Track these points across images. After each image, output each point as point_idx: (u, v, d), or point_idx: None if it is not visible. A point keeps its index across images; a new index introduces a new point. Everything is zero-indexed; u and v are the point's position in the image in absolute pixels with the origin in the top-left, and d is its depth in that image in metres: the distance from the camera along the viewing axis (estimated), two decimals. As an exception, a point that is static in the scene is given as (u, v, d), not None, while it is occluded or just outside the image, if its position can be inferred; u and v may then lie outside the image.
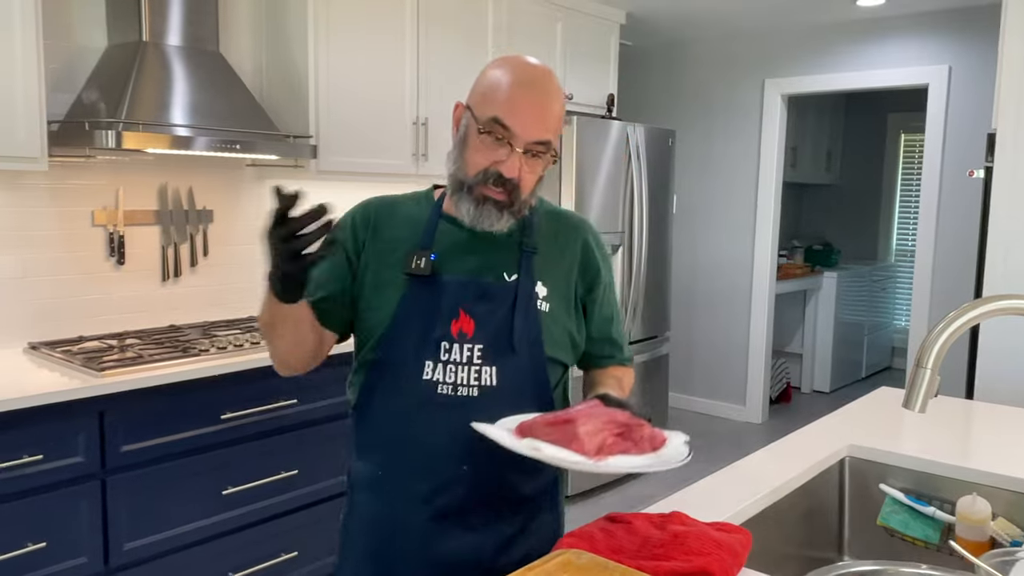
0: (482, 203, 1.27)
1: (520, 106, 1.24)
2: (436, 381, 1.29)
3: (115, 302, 2.77)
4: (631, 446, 1.13)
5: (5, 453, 1.99)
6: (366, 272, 1.34)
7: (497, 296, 1.31)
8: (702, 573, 1.07)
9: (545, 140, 1.26)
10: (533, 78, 1.28)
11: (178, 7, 2.62)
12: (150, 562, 2.28)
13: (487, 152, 1.26)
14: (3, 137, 2.20)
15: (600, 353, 1.47)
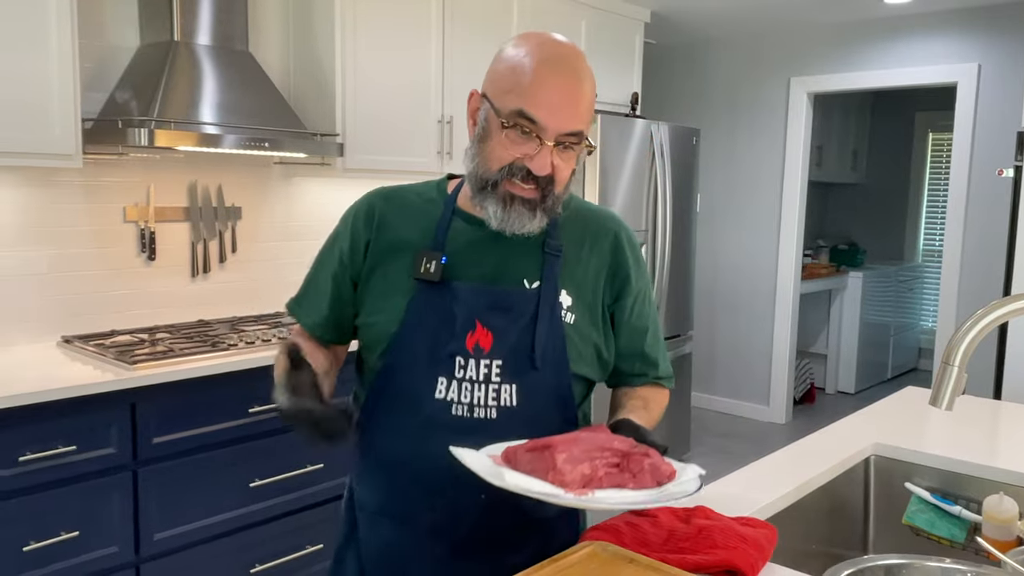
0: (510, 202, 1.13)
1: (548, 95, 1.09)
2: (450, 401, 1.16)
3: (146, 297, 2.82)
4: (628, 479, 0.99)
5: (40, 443, 2.04)
6: (371, 275, 1.23)
7: (517, 305, 1.18)
8: (727, 566, 1.07)
9: (578, 131, 1.12)
10: (561, 60, 1.12)
11: (208, 7, 2.66)
12: (179, 552, 2.32)
13: (512, 147, 1.11)
14: (39, 135, 2.25)
15: (630, 371, 1.31)
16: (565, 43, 1.15)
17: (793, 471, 1.59)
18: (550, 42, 1.14)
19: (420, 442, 1.17)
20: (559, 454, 0.98)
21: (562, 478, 0.96)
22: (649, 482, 0.99)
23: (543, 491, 0.95)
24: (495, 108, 1.13)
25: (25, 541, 2.03)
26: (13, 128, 2.19)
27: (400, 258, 1.21)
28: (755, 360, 5.28)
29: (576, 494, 0.95)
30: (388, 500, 1.24)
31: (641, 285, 1.30)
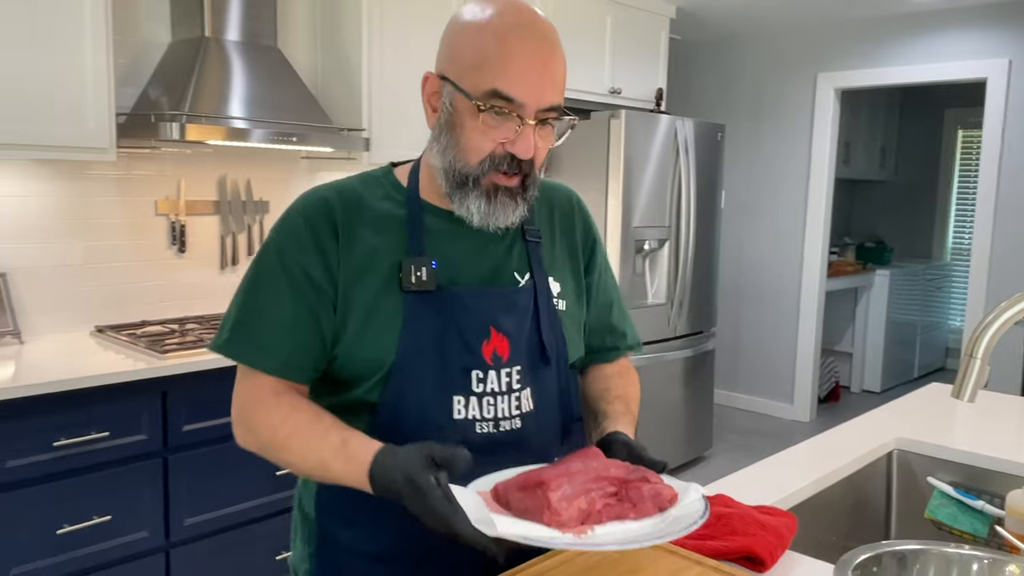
0: (494, 196, 1.02)
1: (525, 70, 0.97)
2: (472, 419, 1.05)
3: (176, 288, 2.87)
4: (628, 509, 0.92)
5: (74, 429, 2.09)
6: (349, 295, 1.04)
7: (519, 303, 1.09)
8: (746, 552, 1.09)
9: (557, 105, 1.01)
10: (530, 29, 0.99)
11: (238, 4, 2.71)
12: (208, 538, 2.37)
13: (490, 132, 1.00)
14: (74, 129, 2.30)
15: (601, 345, 1.26)
16: (527, 6, 1.02)
17: (815, 463, 1.60)
18: (511, 8, 1.01)
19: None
20: (553, 492, 0.89)
21: (558, 518, 0.88)
22: (651, 509, 0.92)
23: (539, 536, 0.86)
24: (462, 90, 0.99)
25: (59, 524, 2.09)
26: (49, 122, 2.25)
27: (375, 270, 1.04)
28: (779, 358, 5.26)
29: (575, 534, 0.87)
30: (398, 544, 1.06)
31: (603, 255, 1.26)
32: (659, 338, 3.88)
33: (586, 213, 1.26)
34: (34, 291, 2.55)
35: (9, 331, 2.43)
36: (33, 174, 2.53)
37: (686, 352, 4.05)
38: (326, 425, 1.00)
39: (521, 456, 1.06)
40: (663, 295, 3.89)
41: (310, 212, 1.06)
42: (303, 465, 1.01)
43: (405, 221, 1.07)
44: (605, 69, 3.97)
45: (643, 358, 3.78)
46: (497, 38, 0.98)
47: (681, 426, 4.09)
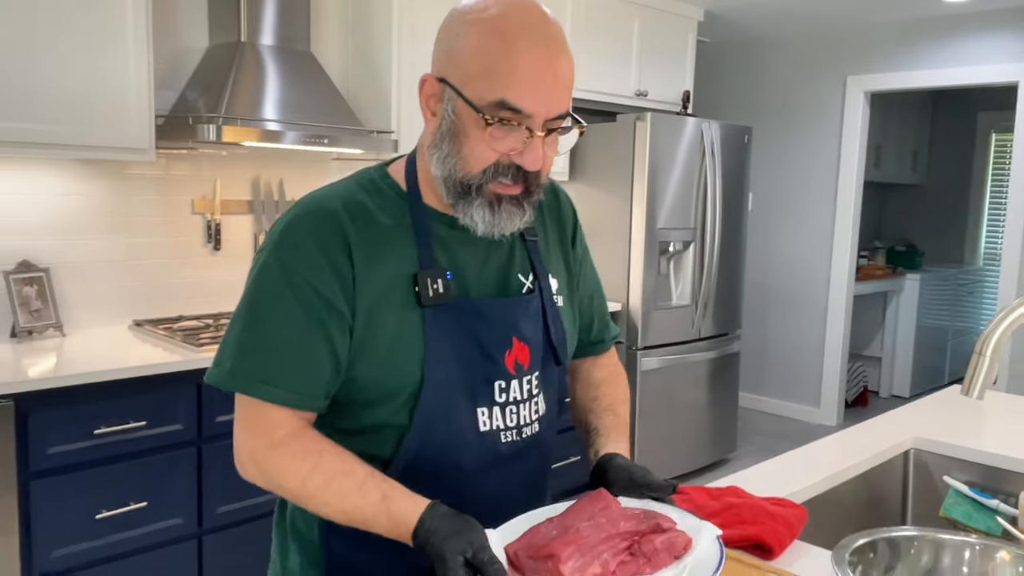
0: (498, 205, 0.98)
1: (534, 80, 0.92)
2: (497, 429, 1.03)
3: (211, 285, 2.96)
4: (644, 564, 0.89)
5: (113, 418, 2.18)
6: (369, 317, 0.98)
7: (531, 308, 1.08)
8: (755, 541, 1.13)
9: (564, 112, 0.97)
10: (538, 33, 0.94)
11: (273, 10, 2.79)
12: (239, 526, 2.45)
13: (495, 144, 0.95)
14: (116, 130, 2.40)
15: (588, 338, 1.24)
16: (535, 7, 0.96)
17: (831, 459, 1.62)
18: (516, 7, 0.95)
19: (470, 483, 1.02)
20: (563, 564, 0.86)
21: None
22: (666, 560, 0.90)
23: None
24: (466, 99, 0.94)
25: (98, 509, 2.18)
26: (92, 124, 2.34)
27: (391, 284, 0.99)
28: (806, 361, 5.24)
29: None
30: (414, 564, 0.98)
31: (584, 244, 1.24)
32: (683, 340, 3.90)
33: (569, 203, 1.23)
34: (76, 286, 2.65)
35: (52, 324, 2.53)
36: (76, 174, 2.63)
37: (711, 354, 4.06)
38: (361, 478, 0.94)
39: (538, 458, 1.10)
40: (688, 297, 3.92)
41: (318, 229, 0.97)
42: (338, 517, 0.95)
43: (412, 230, 1.01)
44: (632, 71, 4.00)
45: (667, 359, 3.81)
46: (504, 43, 0.92)
47: (705, 428, 4.10)
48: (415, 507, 0.91)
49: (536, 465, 1.09)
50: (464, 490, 1.01)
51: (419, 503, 0.92)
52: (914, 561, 0.88)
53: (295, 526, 1.09)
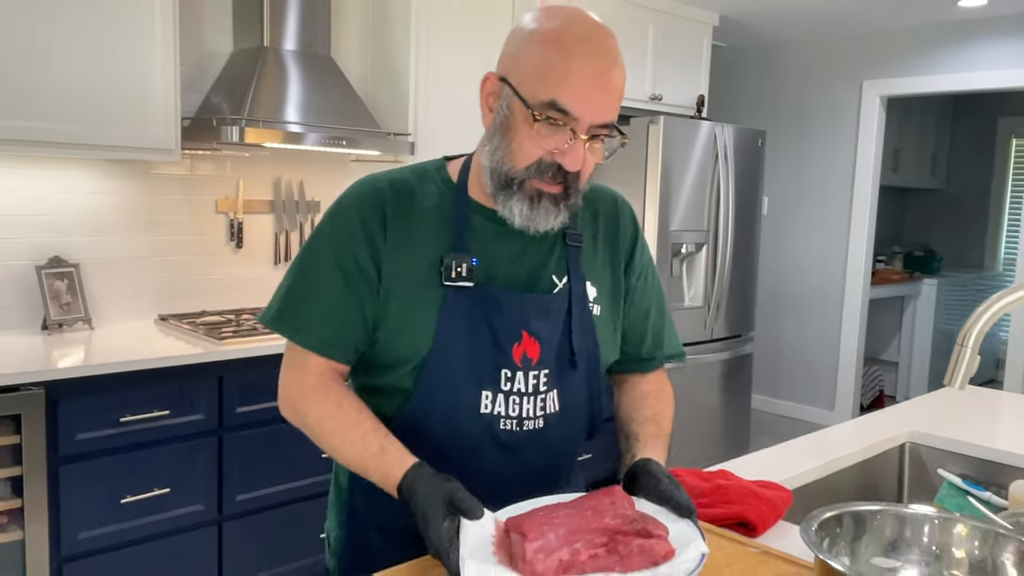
0: (537, 201, 1.05)
1: (585, 85, 1.00)
2: (497, 415, 1.09)
3: (233, 282, 3.06)
4: (615, 563, 0.90)
5: (138, 407, 2.27)
6: (392, 286, 1.08)
7: (554, 308, 1.12)
8: (740, 518, 1.18)
9: (611, 122, 1.04)
10: (593, 41, 1.02)
11: (295, 16, 2.88)
12: (257, 514, 2.53)
13: (541, 141, 1.02)
14: (143, 131, 2.49)
15: (638, 353, 1.26)
16: (594, 21, 1.05)
17: (828, 449, 1.67)
18: (578, 21, 1.03)
19: (467, 461, 1.09)
20: (529, 543, 0.89)
21: (532, 568, 0.88)
22: (640, 564, 0.90)
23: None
24: (521, 97, 1.02)
25: (123, 495, 2.27)
26: (121, 125, 2.44)
27: (419, 260, 1.09)
28: (821, 364, 5.26)
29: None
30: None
31: (646, 259, 1.27)
32: (696, 340, 3.95)
33: (631, 216, 1.27)
34: (104, 281, 2.75)
35: (81, 317, 2.64)
36: (105, 173, 2.74)
37: (723, 355, 4.10)
38: (366, 429, 1.05)
39: (542, 453, 1.13)
40: (700, 298, 3.96)
41: (362, 203, 1.10)
42: (342, 460, 1.09)
43: (452, 217, 1.10)
44: (647, 76, 4.06)
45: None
46: (563, 51, 1.00)
47: (717, 429, 4.14)
48: (403, 464, 1.00)
49: (536, 460, 1.13)
50: (462, 465, 1.06)
51: (408, 461, 1.01)
52: (878, 533, 0.93)
53: (336, 479, 1.26)
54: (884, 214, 6.45)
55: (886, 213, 6.53)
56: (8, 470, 2.10)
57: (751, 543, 1.10)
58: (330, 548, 1.26)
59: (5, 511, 2.12)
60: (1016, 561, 0.87)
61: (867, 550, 0.93)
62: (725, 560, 1.04)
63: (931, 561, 0.92)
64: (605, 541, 0.92)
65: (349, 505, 1.21)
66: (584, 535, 0.92)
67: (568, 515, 0.95)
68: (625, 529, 0.93)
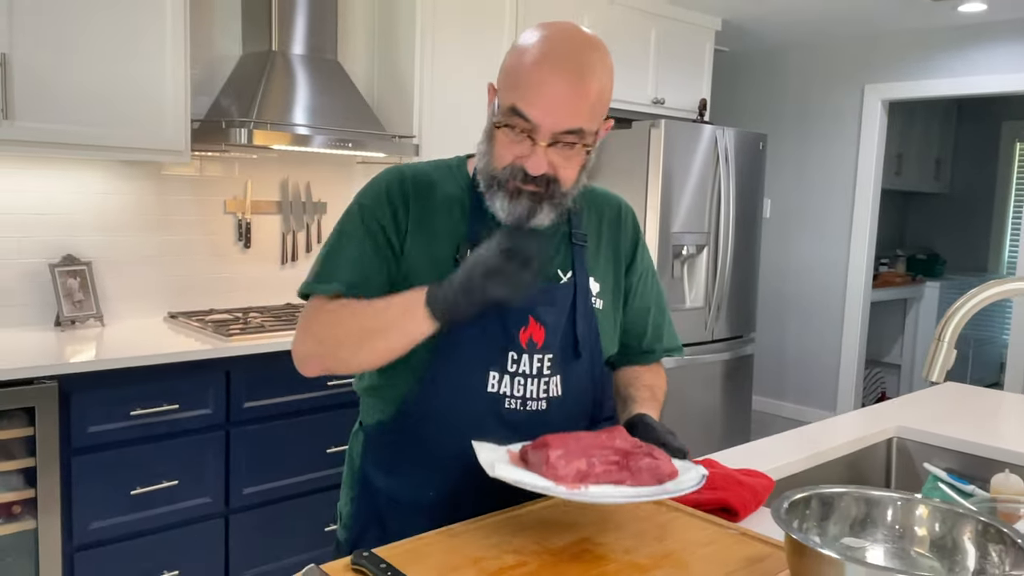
0: (516, 196, 1.12)
1: (542, 92, 1.06)
2: (503, 395, 1.17)
3: (241, 280, 3.13)
4: (627, 476, 1.00)
5: (148, 401, 2.34)
6: (411, 263, 1.18)
7: (559, 298, 1.20)
8: (722, 504, 1.24)
9: (575, 128, 1.08)
10: (563, 56, 1.07)
11: (303, 21, 2.95)
12: (264, 507, 2.59)
13: (509, 146, 1.11)
14: (154, 133, 2.56)
15: (638, 348, 1.35)
16: (575, 36, 1.10)
17: (815, 442, 1.72)
18: (558, 36, 1.09)
19: (472, 436, 1.13)
20: (553, 450, 1.00)
21: (555, 472, 0.98)
22: (648, 480, 1.00)
23: (535, 483, 0.97)
24: (497, 103, 1.13)
25: (133, 486, 2.33)
26: (133, 127, 2.51)
27: (436, 244, 1.18)
28: (823, 366, 5.29)
29: (569, 487, 0.97)
30: (431, 494, 1.20)
31: (646, 261, 1.36)
32: (696, 341, 3.99)
33: (633, 222, 1.35)
34: (115, 279, 2.82)
35: (93, 314, 2.71)
36: (117, 174, 2.81)
37: (724, 356, 4.15)
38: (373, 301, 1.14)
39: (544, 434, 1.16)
40: (701, 299, 4.01)
41: (390, 183, 1.21)
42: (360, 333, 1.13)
43: (467, 209, 1.20)
44: (649, 80, 4.12)
45: (680, 360, 3.90)
46: (533, 63, 1.07)
47: (717, 428, 4.19)
48: (419, 289, 1.08)
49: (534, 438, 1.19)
50: (467, 437, 1.12)
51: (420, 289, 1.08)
52: (844, 514, 0.98)
53: (350, 454, 1.33)
54: (887, 217, 6.49)
55: (889, 216, 6.56)
56: (22, 461, 2.17)
57: (731, 526, 1.15)
58: (341, 521, 1.33)
59: (19, 501, 2.18)
60: (973, 538, 0.92)
61: (835, 528, 0.98)
62: (705, 540, 1.10)
63: (895, 539, 0.97)
64: (617, 459, 1.01)
65: (361, 479, 1.28)
66: (599, 451, 1.01)
67: (585, 435, 1.05)
68: (635, 450, 1.03)
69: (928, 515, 0.96)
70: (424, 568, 0.97)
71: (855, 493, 0.98)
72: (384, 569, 0.94)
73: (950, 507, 0.96)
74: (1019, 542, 0.86)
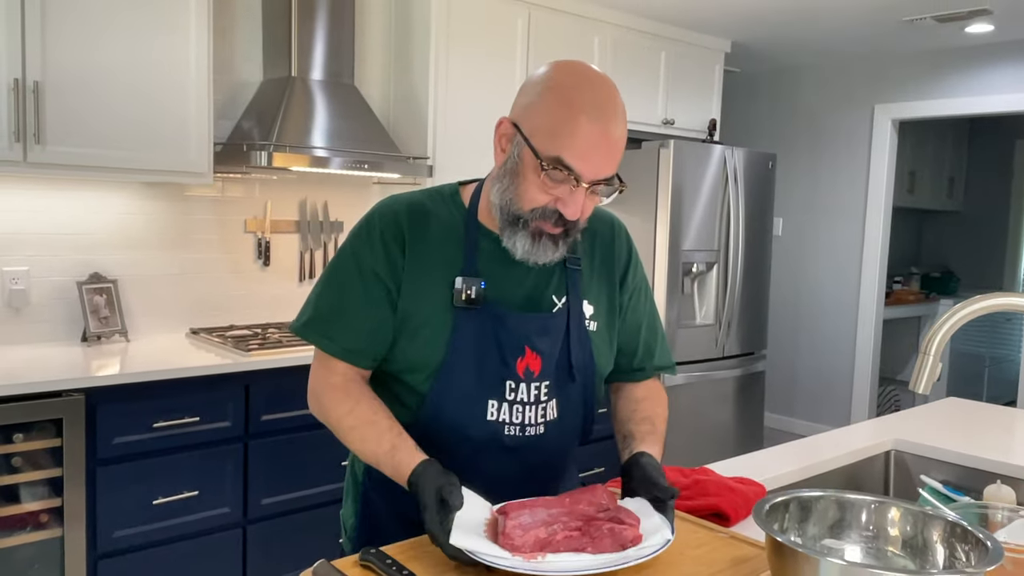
0: (538, 239, 1.16)
1: (589, 147, 1.10)
2: (503, 422, 1.21)
3: (260, 298, 3.22)
4: (587, 543, 1.00)
5: (170, 414, 2.43)
6: (409, 302, 1.20)
7: (553, 326, 1.23)
8: (714, 509, 1.29)
9: (611, 176, 1.14)
10: (600, 107, 1.11)
11: (321, 47, 3.06)
12: (281, 517, 2.66)
13: (547, 190, 1.13)
14: (179, 156, 2.67)
15: (629, 365, 1.37)
16: (602, 83, 1.14)
17: (814, 454, 1.77)
18: (587, 80, 1.13)
19: (473, 463, 1.18)
20: (509, 519, 1.01)
21: (511, 542, 0.99)
22: (609, 547, 1.00)
23: (489, 552, 0.97)
24: (532, 148, 1.12)
25: (155, 496, 2.42)
26: (158, 150, 2.62)
27: (433, 278, 1.20)
28: (836, 383, 5.31)
29: (525, 558, 0.97)
30: None
31: (639, 279, 1.38)
32: (707, 357, 4.04)
33: (626, 239, 1.38)
34: (140, 296, 2.93)
35: (118, 330, 2.81)
36: (142, 195, 2.92)
37: (735, 372, 4.19)
38: (382, 428, 1.17)
39: (542, 455, 1.25)
40: (711, 316, 4.06)
41: (384, 225, 1.21)
42: (358, 453, 1.21)
43: (463, 240, 1.21)
44: (659, 101, 4.20)
45: (691, 376, 3.95)
46: (572, 112, 1.09)
47: (730, 445, 4.22)
48: (412, 461, 1.12)
49: (538, 460, 1.25)
50: (469, 463, 1.18)
51: (417, 458, 1.12)
52: (821, 516, 1.04)
53: (352, 469, 1.39)
54: (902, 235, 6.51)
55: (904, 234, 6.58)
56: (49, 471, 2.26)
57: (720, 529, 1.21)
58: (346, 532, 1.40)
59: (46, 510, 2.27)
60: (942, 537, 0.97)
61: (814, 529, 1.04)
62: (696, 543, 1.15)
63: (870, 540, 1.03)
64: (580, 525, 1.02)
65: (363, 494, 1.33)
66: (560, 518, 1.03)
67: (548, 502, 1.07)
68: (599, 516, 1.04)
69: (900, 517, 1.01)
70: (428, 564, 1.04)
71: (832, 497, 1.03)
72: (389, 565, 1.01)
73: (920, 509, 1.01)
74: (983, 540, 0.91)
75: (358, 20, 3.30)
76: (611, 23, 3.90)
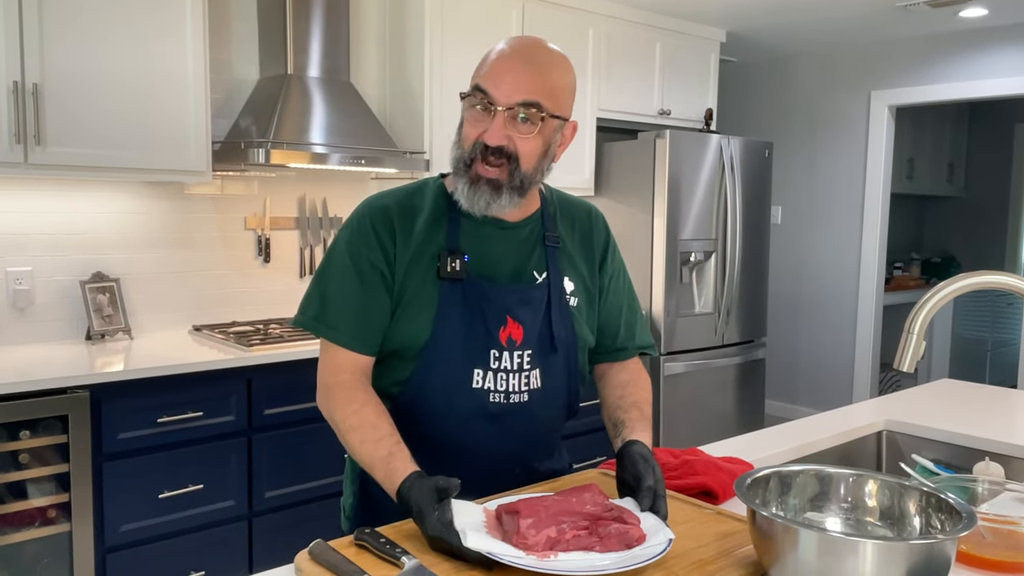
0: (476, 183, 1.22)
1: (501, 70, 1.20)
2: (487, 390, 1.26)
3: (261, 294, 3.26)
4: (595, 542, 1.03)
5: (174, 409, 2.46)
6: (403, 284, 1.27)
7: (535, 298, 1.29)
8: (702, 488, 1.32)
9: (532, 101, 1.19)
10: (521, 46, 1.24)
11: (317, 45, 3.09)
12: (285, 510, 2.70)
13: (475, 123, 1.22)
14: (178, 155, 2.70)
15: (612, 344, 1.42)
16: (532, 39, 1.27)
17: (806, 434, 1.80)
18: (518, 37, 1.27)
19: (461, 430, 1.25)
20: (523, 519, 1.03)
21: (524, 541, 1.01)
22: (616, 545, 1.02)
23: (504, 552, 0.99)
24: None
25: (160, 490, 2.45)
26: (157, 150, 2.65)
27: (421, 262, 1.26)
28: (837, 370, 5.33)
29: (538, 556, 0.99)
30: None
31: (617, 262, 1.45)
32: (706, 346, 4.07)
33: (603, 224, 1.45)
34: (142, 294, 2.96)
35: (121, 328, 2.84)
36: (143, 194, 2.95)
37: (735, 360, 4.21)
38: (381, 433, 1.19)
39: (528, 423, 1.29)
40: (710, 304, 4.08)
41: (375, 217, 1.28)
42: (354, 455, 1.22)
43: (446, 221, 1.29)
44: (654, 91, 4.21)
45: (691, 364, 3.98)
46: (494, 53, 1.24)
47: (731, 432, 4.23)
48: (406, 470, 1.13)
49: (523, 427, 1.29)
50: (457, 431, 1.25)
51: (409, 468, 1.13)
52: (801, 490, 1.07)
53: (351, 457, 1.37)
54: (902, 221, 6.52)
55: (904, 220, 6.59)
56: (56, 467, 2.30)
57: (707, 506, 1.24)
58: (345, 513, 1.45)
59: (54, 505, 2.31)
60: (918, 508, 1.00)
61: (795, 502, 1.07)
62: (683, 519, 1.18)
63: (848, 511, 1.05)
64: (587, 524, 1.05)
65: (361, 475, 1.37)
66: (569, 517, 1.05)
67: (554, 501, 1.09)
68: (604, 515, 1.07)
69: (877, 489, 1.04)
70: (422, 542, 1.07)
71: (811, 471, 1.06)
72: (384, 543, 1.04)
73: (897, 480, 1.04)
74: (958, 508, 0.94)
75: (353, 16, 3.32)
76: (605, 15, 3.92)
